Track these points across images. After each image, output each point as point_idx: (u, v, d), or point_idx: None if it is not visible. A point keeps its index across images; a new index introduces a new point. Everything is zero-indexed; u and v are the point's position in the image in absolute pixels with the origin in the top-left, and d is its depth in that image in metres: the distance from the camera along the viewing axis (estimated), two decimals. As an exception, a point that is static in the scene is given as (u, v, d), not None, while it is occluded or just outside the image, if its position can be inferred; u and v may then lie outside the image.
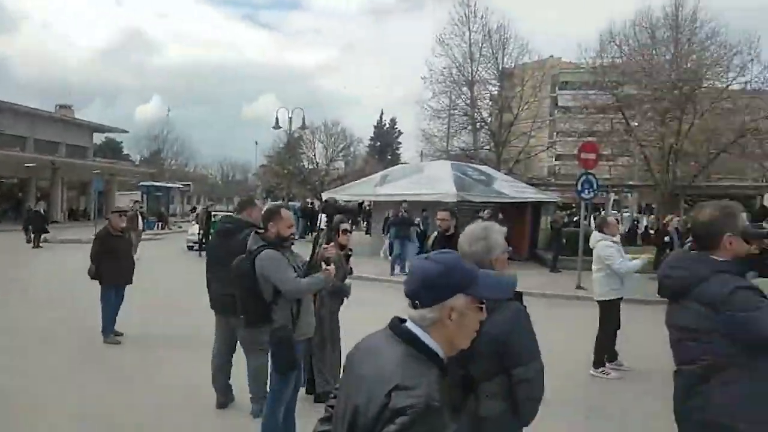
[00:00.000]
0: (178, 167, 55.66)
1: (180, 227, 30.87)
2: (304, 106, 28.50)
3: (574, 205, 21.34)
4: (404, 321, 1.59)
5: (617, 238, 6.89)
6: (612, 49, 17.93)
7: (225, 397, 5.26)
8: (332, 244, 5.00)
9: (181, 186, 42.52)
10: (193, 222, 22.32)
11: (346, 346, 5.31)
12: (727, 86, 17.16)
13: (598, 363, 6.67)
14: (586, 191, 13.92)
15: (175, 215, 38.68)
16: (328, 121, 41.90)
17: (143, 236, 17.55)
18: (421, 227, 14.93)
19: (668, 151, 16.15)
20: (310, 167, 39.89)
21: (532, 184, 23.13)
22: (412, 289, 1.56)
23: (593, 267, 6.80)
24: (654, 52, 17.65)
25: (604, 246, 6.55)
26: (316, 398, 5.43)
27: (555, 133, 35.28)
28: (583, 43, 19.17)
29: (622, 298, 6.67)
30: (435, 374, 1.47)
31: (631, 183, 23.22)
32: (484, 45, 28.43)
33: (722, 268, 2.39)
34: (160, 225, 31.23)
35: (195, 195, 53.51)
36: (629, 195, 30.06)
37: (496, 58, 28.24)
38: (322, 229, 5.81)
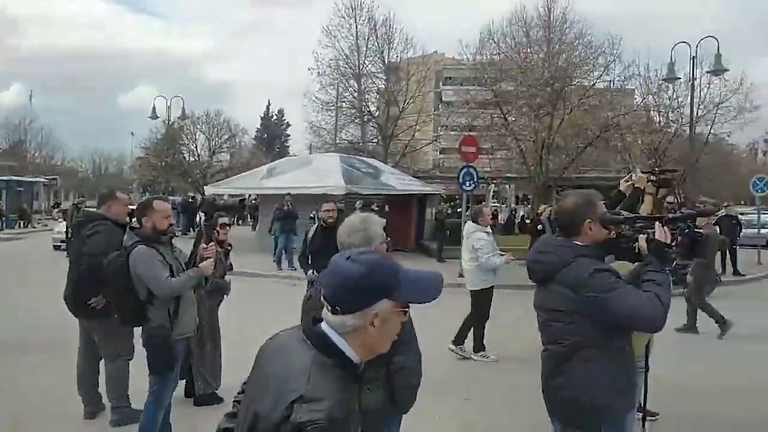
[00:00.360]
0: (43, 160, 50.92)
1: (45, 225, 28.37)
2: (186, 95, 27.23)
3: (457, 196, 22.12)
4: (320, 321, 1.48)
5: (489, 229, 7.14)
6: (491, 46, 18.84)
7: (93, 407, 4.86)
8: (212, 243, 4.76)
9: (45, 180, 38.94)
10: (60, 219, 20.55)
11: (239, 342, 5.11)
12: (593, 84, 18.63)
13: (477, 348, 6.95)
14: (467, 183, 14.47)
15: (40, 212, 35.41)
16: (211, 111, 40.36)
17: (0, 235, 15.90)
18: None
19: (541, 144, 17.23)
20: (191, 159, 38.17)
21: (417, 177, 23.68)
22: (332, 293, 1.44)
23: (466, 256, 6.95)
24: (529, 50, 18.72)
25: (478, 238, 6.76)
26: (197, 401, 5.19)
27: (439, 128, 36.35)
28: (464, 40, 19.87)
29: (493, 287, 6.91)
30: (345, 382, 1.40)
31: (509, 175, 24.49)
32: (370, 38, 28.67)
33: (583, 253, 2.53)
34: (22, 223, 28.54)
35: (63, 190, 49.28)
36: (508, 186, 31.74)
37: (382, 52, 28.57)
38: (203, 228, 5.50)
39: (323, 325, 1.46)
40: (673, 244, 2.53)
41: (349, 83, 29.21)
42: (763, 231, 18.98)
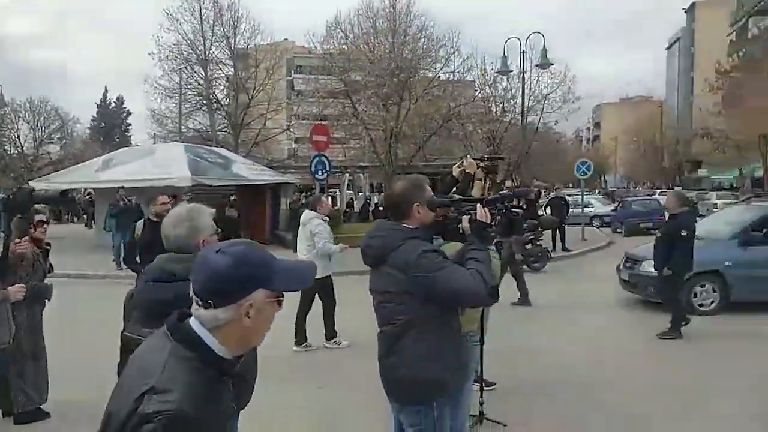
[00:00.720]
0: None
1: None
2: (5, 81, 24.11)
3: (313, 186, 22.06)
4: (188, 316, 1.39)
5: (326, 218, 7.17)
6: (338, 35, 18.95)
7: None
8: (26, 238, 4.27)
9: None
10: None
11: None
12: (436, 76, 19.54)
13: (329, 336, 6.99)
14: (320, 172, 14.51)
15: None
16: (36, 99, 36.34)
17: None
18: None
19: (390, 133, 17.74)
20: (13, 152, 34.15)
21: (271, 167, 23.26)
22: (202, 287, 1.36)
23: (304, 245, 6.90)
24: (376, 41, 19.11)
25: (317, 224, 6.77)
26: (16, 419, 4.66)
27: (292, 117, 35.98)
28: (312, 28, 19.82)
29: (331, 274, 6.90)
30: (203, 376, 1.32)
31: (362, 164, 24.90)
32: (216, 23, 27.49)
33: (412, 235, 2.62)
34: None
35: None
36: (362, 175, 32.28)
37: (228, 38, 27.55)
38: (16, 221, 4.90)
39: (191, 321, 1.38)
40: (493, 223, 2.71)
41: (195, 69, 27.83)
42: (586, 210, 21.23)
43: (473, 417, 4.66)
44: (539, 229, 15.03)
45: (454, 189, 4.00)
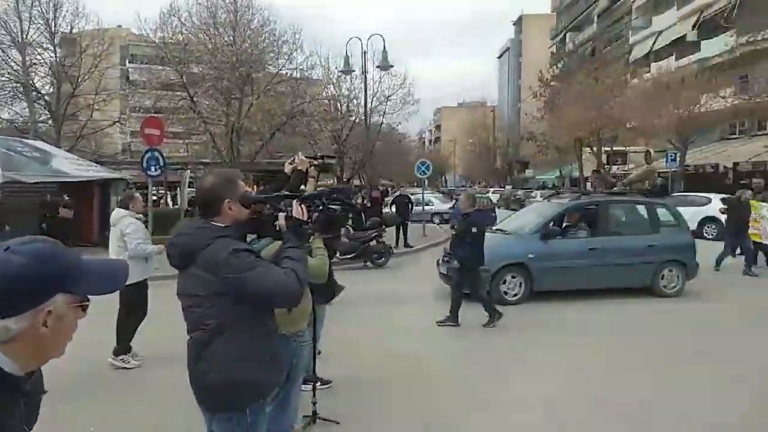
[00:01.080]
0: None
1: None
2: None
3: (147, 184, 20.67)
4: None
5: (141, 216, 6.63)
6: (173, 23, 17.86)
7: None
8: None
9: None
10: None
11: None
12: (279, 71, 19.22)
13: (120, 350, 6.19)
14: (153, 168, 13.56)
15: None
16: None
17: None
18: None
19: (231, 129, 17.12)
20: None
21: (100, 162, 21.35)
22: None
23: (114, 246, 6.25)
24: (216, 32, 18.31)
25: (129, 223, 6.17)
26: None
27: (127, 108, 33.38)
28: (144, 14, 18.44)
29: (146, 280, 6.30)
30: None
31: (204, 160, 23.80)
32: (34, 3, 24.62)
33: (223, 233, 2.46)
34: None
35: None
36: (204, 172, 30.84)
37: (48, 20, 24.80)
38: None
39: None
40: (310, 220, 2.64)
41: (9, 53, 24.71)
42: (427, 208, 22.23)
43: (306, 417, 4.60)
44: (383, 226, 15.52)
45: (286, 186, 3.90)
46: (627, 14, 43.50)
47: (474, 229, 7.94)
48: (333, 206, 2.81)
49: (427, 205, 22.94)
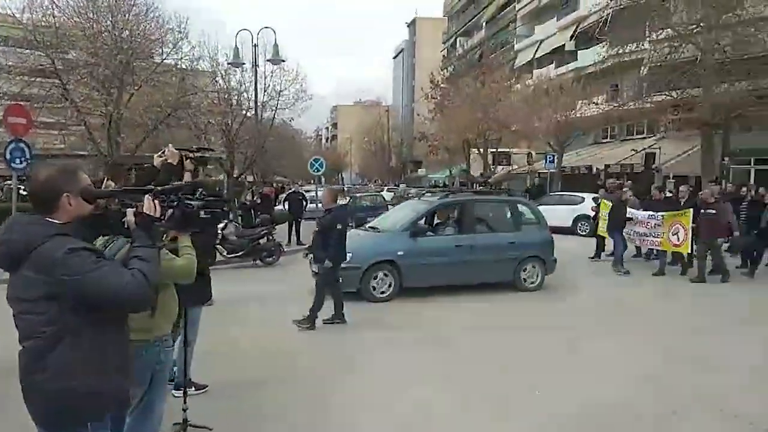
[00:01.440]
0: None
1: None
2: None
3: (25, 176, 18.94)
4: None
5: None
6: (45, 4, 16.36)
7: None
8: None
9: None
10: None
11: None
12: (162, 60, 18.22)
13: None
14: (18, 160, 12.42)
15: None
16: None
17: None
18: None
19: (110, 120, 16.02)
20: None
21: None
22: None
23: None
24: (93, 16, 17.02)
25: None
26: None
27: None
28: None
29: None
30: None
31: (81, 153, 22.03)
32: None
33: (59, 231, 2.23)
34: None
35: None
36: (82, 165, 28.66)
37: None
38: None
39: None
40: (162, 217, 2.47)
41: None
42: (320, 205, 22.01)
43: (176, 425, 4.37)
44: (273, 223, 15.24)
45: (155, 180, 3.65)
46: (512, 22, 45.73)
47: (339, 226, 7.85)
48: (190, 201, 2.64)
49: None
